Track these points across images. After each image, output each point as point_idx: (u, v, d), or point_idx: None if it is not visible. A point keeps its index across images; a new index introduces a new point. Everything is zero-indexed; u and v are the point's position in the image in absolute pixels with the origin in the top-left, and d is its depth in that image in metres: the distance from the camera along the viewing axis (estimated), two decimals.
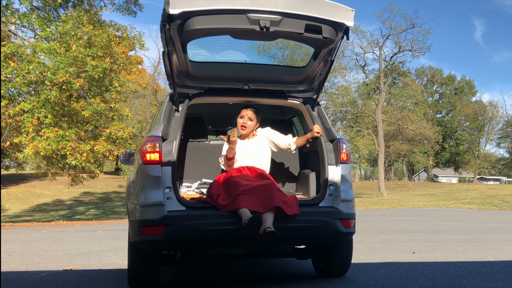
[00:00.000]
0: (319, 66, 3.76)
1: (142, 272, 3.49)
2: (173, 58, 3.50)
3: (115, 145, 14.38)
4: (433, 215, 12.89)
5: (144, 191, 3.33)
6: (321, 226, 3.39)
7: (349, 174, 3.75)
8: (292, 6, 3.05)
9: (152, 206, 3.25)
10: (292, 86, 3.99)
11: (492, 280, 3.69)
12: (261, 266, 4.82)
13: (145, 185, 3.34)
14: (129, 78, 27.97)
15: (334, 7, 3.13)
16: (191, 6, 2.94)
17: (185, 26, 3.10)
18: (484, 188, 36.48)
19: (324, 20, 3.15)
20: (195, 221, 3.22)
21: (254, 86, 3.90)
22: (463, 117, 62.82)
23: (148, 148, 3.34)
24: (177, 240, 3.21)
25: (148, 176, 3.33)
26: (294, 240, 3.48)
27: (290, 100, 4.02)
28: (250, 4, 3.01)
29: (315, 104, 4.00)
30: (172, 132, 3.52)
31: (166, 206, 3.24)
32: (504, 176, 76.32)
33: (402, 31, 29.52)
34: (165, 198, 3.27)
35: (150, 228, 3.21)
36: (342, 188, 3.61)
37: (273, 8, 3.03)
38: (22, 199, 37.53)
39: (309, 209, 3.46)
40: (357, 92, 46.81)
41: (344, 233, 3.48)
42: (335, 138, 3.75)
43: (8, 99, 13.22)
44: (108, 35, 13.65)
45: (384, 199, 25.06)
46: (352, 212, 3.61)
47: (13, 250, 6.54)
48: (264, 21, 3.05)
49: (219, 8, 3.00)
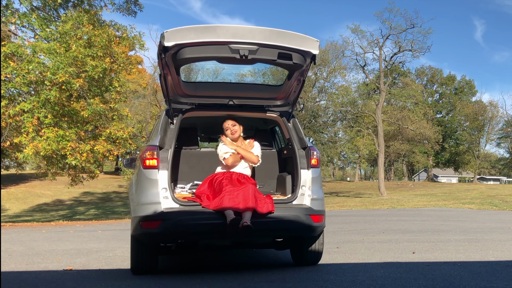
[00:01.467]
0: (293, 85, 4.44)
1: (143, 260, 4.19)
2: (168, 79, 4.18)
3: (115, 145, 14.38)
4: (433, 215, 12.89)
5: (144, 191, 4.01)
6: (294, 220, 4.03)
7: (319, 177, 4.42)
8: (267, 37, 3.72)
9: (151, 204, 3.93)
10: (270, 101, 4.70)
11: (492, 280, 3.70)
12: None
13: (145, 186, 4.02)
14: (129, 78, 28.02)
15: (302, 39, 3.81)
16: (182, 39, 3.62)
17: (178, 55, 3.79)
18: (484, 188, 36.47)
19: (293, 49, 3.83)
20: (187, 217, 3.89)
21: (237, 101, 4.63)
22: (463, 117, 62.82)
23: (148, 155, 4.06)
24: (171, 233, 3.86)
25: (147, 179, 4.03)
26: (271, 232, 4.15)
27: (268, 114, 4.77)
28: (232, 36, 3.67)
29: (290, 116, 4.73)
30: (168, 141, 4.25)
31: (162, 204, 3.93)
32: (504, 176, 76.32)
33: (402, 31, 29.51)
34: (161, 197, 3.95)
35: (149, 222, 3.89)
36: (313, 188, 4.29)
37: (251, 40, 3.70)
38: (22, 199, 37.55)
39: (284, 206, 4.13)
40: (357, 92, 46.81)
41: (314, 227, 4.13)
42: (307, 146, 4.44)
43: (8, 99, 13.21)
44: (108, 35, 13.65)
45: (384, 199, 25.06)
46: (321, 209, 4.26)
47: (13, 250, 6.54)
48: (243, 50, 3.73)
49: (205, 41, 3.66)
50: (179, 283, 3.95)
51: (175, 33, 3.62)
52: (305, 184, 4.29)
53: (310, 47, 3.83)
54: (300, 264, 4.61)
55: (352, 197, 29.81)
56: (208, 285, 3.81)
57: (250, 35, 3.71)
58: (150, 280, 4.07)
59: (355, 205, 19.46)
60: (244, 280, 3.99)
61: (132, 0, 16.52)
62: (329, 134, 51.50)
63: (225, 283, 3.89)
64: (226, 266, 4.78)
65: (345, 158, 77.70)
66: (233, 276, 4.19)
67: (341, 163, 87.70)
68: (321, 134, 50.06)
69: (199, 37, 3.65)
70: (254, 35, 3.72)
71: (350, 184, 54.62)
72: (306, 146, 4.47)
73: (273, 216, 3.96)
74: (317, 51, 3.85)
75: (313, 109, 48.85)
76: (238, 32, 3.71)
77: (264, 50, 3.79)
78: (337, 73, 49.76)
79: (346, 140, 55.83)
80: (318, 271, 4.33)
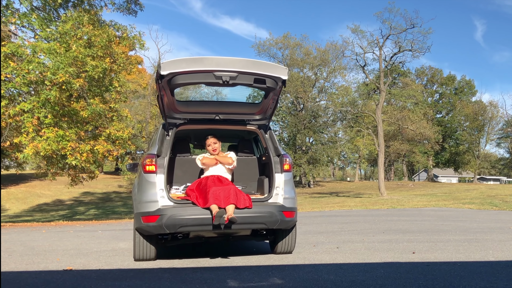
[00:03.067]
0: (268, 103, 5.34)
1: (143, 249, 5.02)
2: (164, 99, 4.98)
3: (114, 146, 14.37)
4: (433, 215, 12.89)
5: (144, 192, 4.88)
6: (269, 215, 4.89)
7: (291, 179, 5.29)
8: (244, 66, 4.63)
9: (150, 202, 4.81)
10: (250, 116, 5.57)
11: (492, 280, 3.70)
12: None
13: (145, 188, 4.90)
14: (129, 78, 28.01)
15: (274, 67, 4.77)
16: (175, 69, 4.52)
17: (172, 80, 4.66)
18: (484, 188, 36.47)
19: (266, 75, 4.73)
20: (180, 212, 4.74)
21: (223, 116, 5.50)
22: (463, 117, 62.81)
23: (147, 162, 4.94)
24: (167, 225, 4.71)
25: (147, 181, 4.91)
26: (250, 225, 4.91)
27: (248, 126, 5.66)
28: (216, 66, 4.56)
29: (267, 129, 5.63)
30: (164, 150, 5.11)
31: (159, 202, 4.80)
32: (504, 176, 76.33)
33: (402, 31, 29.46)
34: (159, 196, 4.82)
35: (148, 217, 4.75)
36: (285, 189, 5.14)
37: (231, 68, 4.58)
38: (22, 199, 37.54)
39: (261, 204, 4.99)
40: (357, 92, 46.81)
41: (287, 221, 5.01)
42: (281, 154, 5.30)
43: (8, 99, 13.21)
44: (108, 35, 13.64)
45: (384, 199, 25.06)
46: (293, 206, 5.09)
47: (13, 250, 6.54)
48: (225, 77, 4.60)
49: (194, 69, 4.55)
50: (179, 283, 3.95)
51: (170, 64, 4.52)
52: (279, 186, 5.15)
53: (280, 74, 4.75)
54: (276, 253, 5.52)
55: (352, 197, 29.81)
56: (208, 285, 3.82)
57: (231, 64, 4.60)
58: (150, 280, 4.07)
59: (355, 205, 19.46)
60: (244, 280, 4.00)
61: (132, 0, 16.50)
62: (329, 134, 51.51)
63: (225, 283, 3.89)
64: (226, 267, 4.79)
65: (345, 158, 77.72)
66: (233, 277, 4.19)
67: (341, 163, 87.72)
68: (321, 134, 50.06)
69: (190, 67, 4.55)
70: (234, 64, 4.61)
71: (350, 184, 54.63)
72: (280, 153, 5.33)
73: (251, 211, 4.84)
74: (286, 77, 4.76)
75: (313, 109, 48.85)
76: (221, 62, 4.58)
77: (243, 76, 4.68)
78: (337, 73, 49.86)
79: (346, 140, 55.84)
80: (318, 271, 4.33)
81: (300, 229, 9.18)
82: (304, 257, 5.27)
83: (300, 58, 49.33)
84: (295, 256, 5.37)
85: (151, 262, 5.16)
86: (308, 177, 50.57)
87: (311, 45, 50.20)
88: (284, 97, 50.65)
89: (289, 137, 50.92)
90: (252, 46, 58.28)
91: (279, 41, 49.63)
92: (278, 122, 51.80)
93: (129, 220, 15.59)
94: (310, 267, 4.62)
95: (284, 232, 5.29)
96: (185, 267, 4.80)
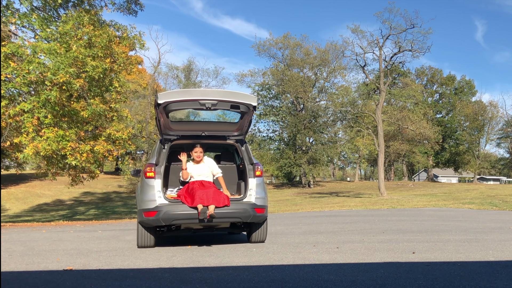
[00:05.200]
0: (244, 122, 6.73)
1: (145, 238, 6.32)
2: (161, 121, 6.37)
3: (114, 146, 14.37)
4: (433, 215, 12.89)
5: (145, 193, 6.25)
6: (243, 211, 6.22)
7: (262, 183, 6.63)
8: (222, 96, 6.13)
9: (150, 201, 6.16)
10: (229, 133, 6.98)
11: (492, 280, 3.70)
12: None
13: (146, 190, 6.26)
14: (129, 78, 28.02)
15: (245, 96, 6.20)
16: (170, 99, 5.96)
17: (167, 107, 6.08)
18: (484, 188, 36.46)
19: (239, 102, 6.15)
20: (173, 209, 6.10)
21: (208, 133, 6.92)
22: (463, 117, 62.78)
23: (148, 170, 6.31)
24: (163, 219, 6.05)
25: (147, 185, 6.26)
26: (229, 219, 6.26)
27: (228, 141, 7.06)
28: (200, 96, 6.07)
29: (243, 143, 7.04)
30: (161, 160, 6.52)
31: (157, 201, 6.14)
32: (504, 176, 76.32)
33: (402, 31, 29.42)
34: (157, 197, 6.17)
35: (149, 212, 6.09)
36: (257, 190, 6.47)
37: (212, 98, 6.06)
38: (22, 199, 37.54)
39: (238, 202, 6.35)
40: (357, 92, 46.81)
41: (258, 216, 6.33)
42: (254, 163, 6.65)
43: (8, 99, 13.20)
44: (108, 35, 13.63)
45: (384, 199, 25.05)
46: (263, 204, 6.42)
47: (13, 250, 6.54)
48: (208, 104, 6.05)
49: (184, 99, 6.05)
50: (179, 283, 3.95)
51: (165, 95, 5.97)
52: (252, 188, 6.46)
53: (250, 101, 6.17)
54: (251, 242, 6.77)
55: (352, 197, 29.80)
56: (208, 285, 3.82)
57: (212, 94, 6.11)
58: (150, 280, 4.07)
59: (355, 205, 19.46)
60: (244, 280, 4.00)
61: (132, 0, 16.48)
62: (329, 134, 51.49)
63: (224, 283, 3.89)
64: (226, 266, 4.78)
65: (345, 158, 77.73)
66: (233, 277, 4.19)
67: (341, 163, 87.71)
68: (321, 134, 50.05)
69: (180, 97, 6.04)
70: (214, 94, 6.12)
71: (350, 184, 54.62)
72: (253, 162, 6.66)
73: (229, 208, 6.19)
74: (255, 103, 6.17)
75: (313, 109, 48.84)
76: (204, 93, 6.14)
77: (221, 103, 6.11)
78: (337, 73, 49.89)
79: (346, 140, 55.81)
80: (318, 271, 4.33)
81: (300, 229, 9.18)
82: (304, 257, 5.27)
83: (300, 58, 49.33)
84: (295, 256, 5.37)
85: (151, 262, 5.16)
86: (308, 177, 50.57)
87: (311, 45, 50.28)
88: (284, 97, 50.67)
89: (289, 137, 50.92)
90: (252, 46, 58.32)
91: (279, 41, 49.66)
92: (278, 122, 51.80)
93: (129, 220, 15.58)
94: (310, 267, 4.62)
95: (257, 225, 6.61)
96: (185, 267, 4.80)
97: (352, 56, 32.42)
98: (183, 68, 56.94)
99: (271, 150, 53.38)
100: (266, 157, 53.20)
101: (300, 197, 35.43)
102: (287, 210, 19.19)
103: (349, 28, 33.45)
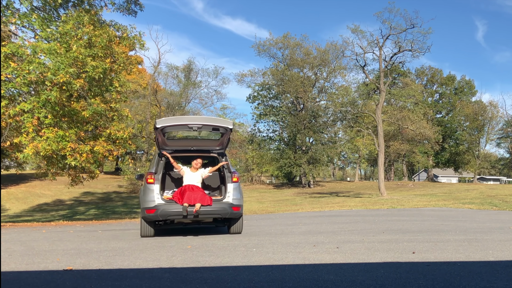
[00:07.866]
0: (224, 139, 8.64)
1: (146, 230, 8.05)
2: (159, 139, 8.25)
3: (115, 146, 14.36)
4: (433, 215, 12.89)
5: (147, 195, 7.95)
6: (223, 209, 7.93)
7: (239, 187, 8.33)
8: (206, 121, 8.16)
9: (150, 201, 7.86)
10: (213, 147, 8.91)
11: (492, 280, 3.70)
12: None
13: (147, 192, 7.97)
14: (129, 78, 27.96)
15: (223, 121, 8.25)
16: (166, 123, 7.85)
17: (164, 129, 7.98)
18: (484, 188, 36.46)
19: (219, 126, 8.12)
20: (168, 207, 7.79)
21: (196, 147, 8.91)
22: (463, 117, 62.75)
23: (148, 177, 8.05)
24: (160, 215, 7.75)
25: (148, 189, 7.97)
26: (211, 215, 7.94)
27: (212, 154, 8.93)
28: (189, 121, 8.02)
29: (224, 155, 8.87)
30: (159, 169, 8.36)
31: (156, 201, 7.84)
32: (504, 176, 76.31)
33: (402, 31, 29.39)
34: (155, 198, 7.87)
35: (149, 210, 7.77)
36: (234, 193, 8.15)
37: (198, 122, 8.02)
38: (22, 199, 37.53)
39: (218, 202, 8.03)
40: (357, 92, 46.77)
41: (235, 213, 8.05)
42: (231, 171, 8.39)
43: (8, 99, 13.19)
44: (108, 35, 13.62)
45: (384, 199, 25.05)
46: (239, 203, 8.13)
47: (13, 250, 6.54)
48: (195, 127, 7.98)
49: (177, 124, 7.94)
50: (179, 283, 3.95)
51: (163, 121, 7.85)
52: (230, 191, 8.16)
53: (227, 125, 8.12)
54: (230, 233, 8.46)
55: (352, 197, 29.79)
56: (208, 285, 3.82)
57: (198, 120, 8.12)
58: (150, 280, 4.07)
59: (355, 205, 19.45)
60: (244, 280, 4.00)
61: (132, 0, 16.47)
62: (329, 134, 51.48)
63: (224, 283, 3.89)
64: (226, 266, 4.78)
65: (345, 158, 77.70)
66: (233, 277, 4.19)
67: (341, 163, 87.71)
68: (321, 134, 50.03)
69: (174, 122, 7.92)
70: (200, 120, 8.15)
71: (350, 184, 54.61)
72: (231, 171, 8.39)
73: (212, 207, 7.86)
74: (231, 126, 8.16)
75: (313, 109, 48.83)
76: (192, 119, 8.17)
77: (205, 126, 8.07)
78: (337, 73, 49.88)
79: (346, 140, 55.80)
80: (318, 271, 4.33)
81: (300, 229, 9.18)
82: (304, 257, 5.27)
83: (300, 58, 49.32)
84: (295, 256, 5.37)
85: (151, 262, 5.16)
86: (308, 177, 50.54)
87: (311, 45, 50.23)
88: (284, 97, 50.66)
89: (289, 137, 50.92)
90: (252, 46, 58.19)
91: (279, 41, 49.63)
92: (278, 122, 51.81)
93: (129, 220, 15.59)
94: (310, 267, 4.62)
95: (234, 220, 8.38)
96: (185, 267, 4.80)
97: (352, 56, 32.42)
98: (183, 68, 56.92)
99: (271, 150, 53.39)
100: (266, 157, 53.21)
101: (300, 197, 35.42)
102: (287, 210, 19.19)
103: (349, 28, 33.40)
